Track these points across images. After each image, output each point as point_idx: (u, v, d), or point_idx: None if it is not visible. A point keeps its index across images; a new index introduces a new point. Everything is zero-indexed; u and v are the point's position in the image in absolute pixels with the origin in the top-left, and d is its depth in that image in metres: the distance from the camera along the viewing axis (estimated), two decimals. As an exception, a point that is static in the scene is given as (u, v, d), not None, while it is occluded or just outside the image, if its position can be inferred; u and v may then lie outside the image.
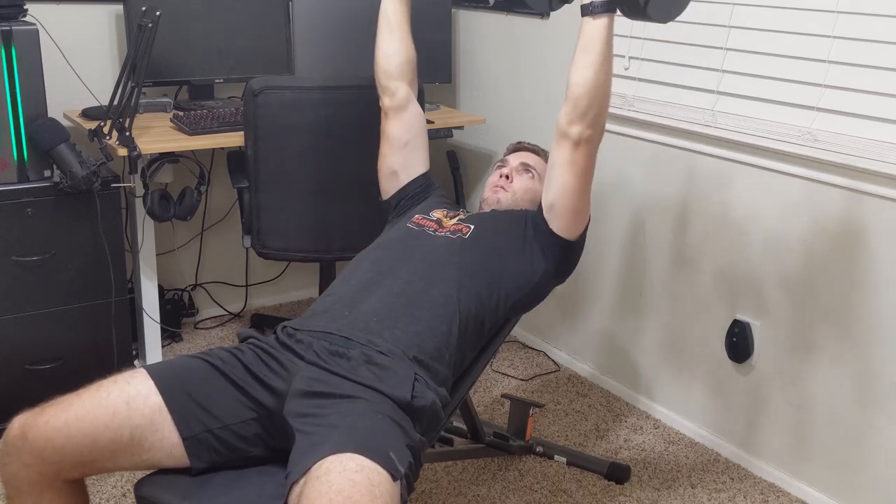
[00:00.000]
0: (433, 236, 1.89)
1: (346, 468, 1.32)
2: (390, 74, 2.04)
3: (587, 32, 1.74)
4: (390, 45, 2.04)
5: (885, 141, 2.08)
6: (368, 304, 1.71)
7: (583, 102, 1.75)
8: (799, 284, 2.32)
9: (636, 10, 1.69)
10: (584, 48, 1.74)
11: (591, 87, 1.74)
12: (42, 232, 2.43)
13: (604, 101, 1.78)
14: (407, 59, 2.04)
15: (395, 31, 2.02)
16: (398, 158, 2.07)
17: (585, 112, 1.76)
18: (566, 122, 1.79)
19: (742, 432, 2.52)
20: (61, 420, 1.46)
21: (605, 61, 1.74)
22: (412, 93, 2.07)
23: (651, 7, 1.66)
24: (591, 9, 1.72)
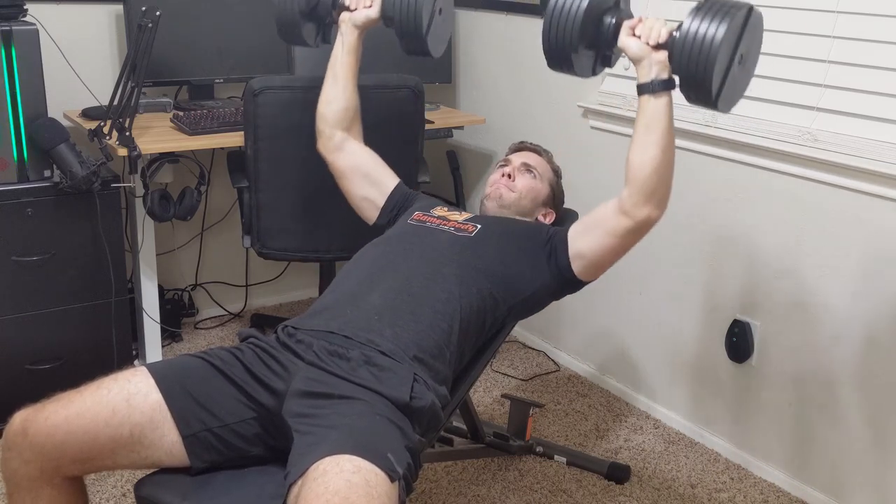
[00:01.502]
0: (436, 231, 1.89)
1: (343, 469, 1.32)
2: (326, 120, 2.05)
3: (649, 111, 1.65)
4: (330, 93, 2.04)
5: (885, 141, 2.08)
6: (369, 301, 1.70)
7: (650, 183, 1.67)
8: (799, 284, 2.32)
9: (705, 99, 1.59)
10: (647, 127, 1.65)
11: (659, 166, 1.67)
12: (42, 232, 2.43)
13: (671, 180, 1.70)
14: (345, 107, 2.04)
15: (339, 80, 2.03)
16: (362, 188, 2.07)
17: (653, 193, 1.69)
18: (631, 203, 1.71)
19: (742, 432, 2.52)
20: (61, 416, 1.47)
21: (671, 139, 1.67)
22: (349, 137, 2.07)
23: (722, 100, 1.58)
24: (651, 88, 1.63)
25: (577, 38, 1.61)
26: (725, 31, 1.50)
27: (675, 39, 1.58)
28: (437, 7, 1.88)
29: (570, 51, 1.63)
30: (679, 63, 1.56)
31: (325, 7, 1.95)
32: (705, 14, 1.53)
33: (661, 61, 1.62)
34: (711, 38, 1.51)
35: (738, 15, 1.53)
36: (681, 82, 1.60)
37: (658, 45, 1.61)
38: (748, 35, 1.57)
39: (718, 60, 1.51)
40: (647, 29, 1.63)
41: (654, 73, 1.62)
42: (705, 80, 1.53)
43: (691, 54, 1.52)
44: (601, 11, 1.65)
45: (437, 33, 1.90)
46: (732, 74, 1.57)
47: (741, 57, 1.57)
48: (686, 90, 1.60)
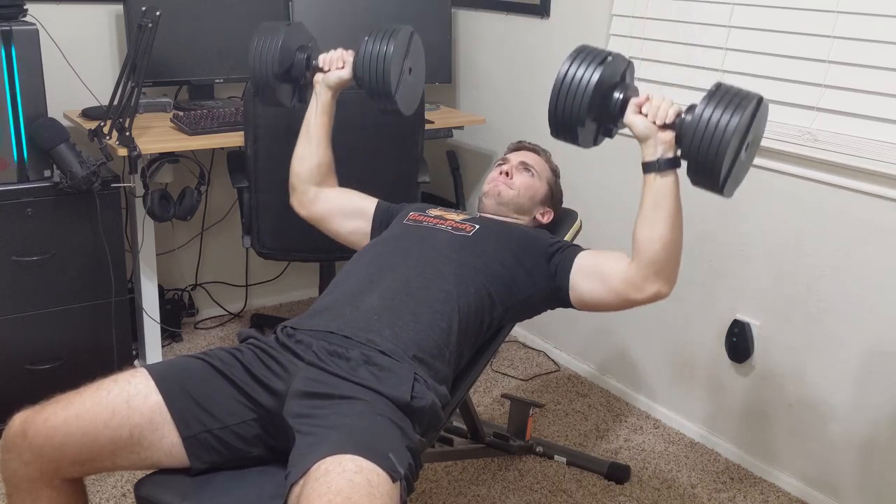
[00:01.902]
0: (434, 230, 1.89)
1: (345, 469, 1.32)
2: (300, 177, 2.05)
3: (656, 189, 1.64)
4: (304, 150, 2.05)
5: (885, 141, 2.08)
6: (368, 301, 1.70)
7: (659, 260, 1.67)
8: (799, 284, 2.32)
9: (711, 185, 1.59)
10: (655, 204, 1.65)
11: (668, 242, 1.66)
12: (42, 232, 2.43)
13: (680, 256, 1.70)
14: (318, 164, 2.04)
15: (313, 140, 2.03)
16: (345, 225, 2.06)
17: (663, 269, 1.68)
18: (641, 277, 1.69)
19: (742, 432, 2.52)
20: (61, 418, 1.47)
21: (679, 215, 1.66)
22: (322, 189, 2.06)
23: (727, 186, 1.58)
24: (658, 166, 1.63)
25: (585, 111, 1.61)
26: (738, 123, 1.50)
27: (685, 122, 1.58)
28: (405, 67, 1.91)
29: (577, 124, 1.63)
30: (689, 148, 1.56)
31: (298, 69, 1.98)
32: (718, 102, 1.53)
33: (667, 141, 1.62)
34: (724, 127, 1.51)
35: (751, 105, 1.53)
36: (689, 167, 1.59)
37: (665, 125, 1.61)
38: (756, 123, 1.58)
39: (730, 149, 1.51)
40: (654, 108, 1.62)
41: (661, 152, 1.62)
42: (715, 167, 1.53)
43: (702, 141, 1.52)
44: (610, 87, 1.65)
45: (407, 92, 1.94)
46: (739, 161, 1.58)
47: (748, 145, 1.58)
48: (693, 174, 1.59)
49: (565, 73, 1.62)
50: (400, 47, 1.87)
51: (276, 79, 1.93)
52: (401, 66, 1.88)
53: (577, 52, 1.65)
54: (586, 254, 1.84)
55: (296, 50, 1.97)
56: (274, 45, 1.91)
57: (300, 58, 1.97)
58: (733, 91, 1.55)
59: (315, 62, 1.98)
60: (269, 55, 1.91)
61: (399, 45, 1.86)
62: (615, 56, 1.64)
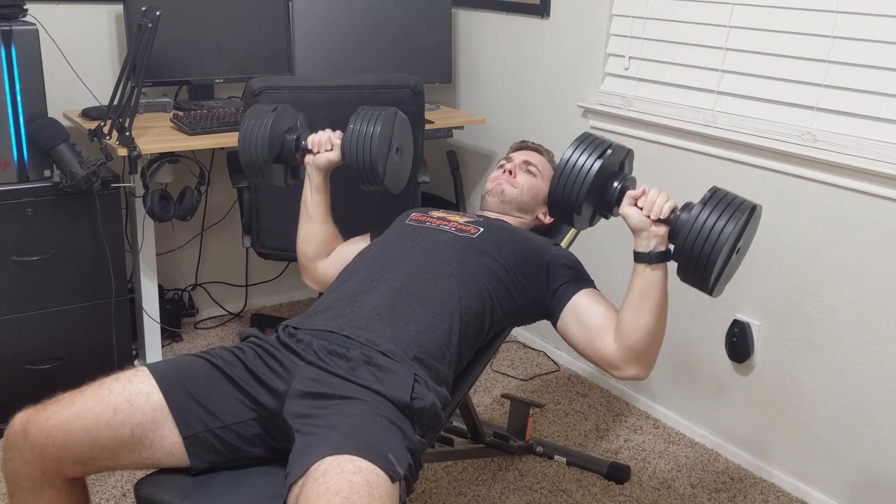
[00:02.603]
0: (437, 231, 1.89)
1: (344, 469, 1.31)
2: (307, 256, 2.06)
3: (646, 280, 1.66)
4: (306, 232, 2.06)
5: (885, 141, 2.08)
6: (370, 301, 1.70)
7: (641, 346, 1.70)
8: (799, 284, 2.32)
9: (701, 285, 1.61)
10: (642, 294, 1.67)
11: (652, 332, 1.69)
12: (42, 232, 2.43)
13: (660, 343, 1.73)
14: (322, 240, 2.05)
15: (313, 219, 2.04)
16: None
17: (643, 356, 1.71)
18: (621, 360, 1.72)
19: (742, 432, 2.52)
20: (62, 417, 1.47)
21: (664, 308, 1.69)
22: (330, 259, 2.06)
23: (717, 288, 1.61)
24: (649, 258, 1.65)
25: (584, 196, 1.64)
26: (733, 229, 1.54)
27: (680, 220, 1.60)
28: (393, 148, 1.94)
29: (574, 211, 1.66)
30: (682, 249, 1.58)
31: (288, 151, 1.99)
32: (714, 208, 1.56)
33: (659, 235, 1.64)
34: (719, 233, 1.54)
35: (745, 214, 1.57)
36: (680, 265, 1.61)
37: (659, 219, 1.63)
38: (749, 230, 1.62)
39: (721, 255, 1.54)
40: (649, 203, 1.64)
41: (653, 246, 1.64)
42: (706, 271, 1.56)
43: (695, 245, 1.55)
44: (609, 175, 1.69)
45: (395, 172, 1.96)
46: (729, 265, 1.62)
47: (738, 249, 1.62)
48: (683, 273, 1.61)
49: (568, 160, 1.66)
50: (386, 129, 1.90)
51: (268, 163, 1.96)
52: (388, 147, 1.91)
53: (581, 140, 1.69)
54: (585, 295, 1.82)
55: (284, 133, 1.98)
56: (262, 129, 1.92)
57: (289, 140, 1.98)
58: (730, 197, 1.59)
59: (304, 143, 1.99)
60: (259, 140, 1.92)
61: (385, 127, 1.89)
62: (616, 147, 1.68)
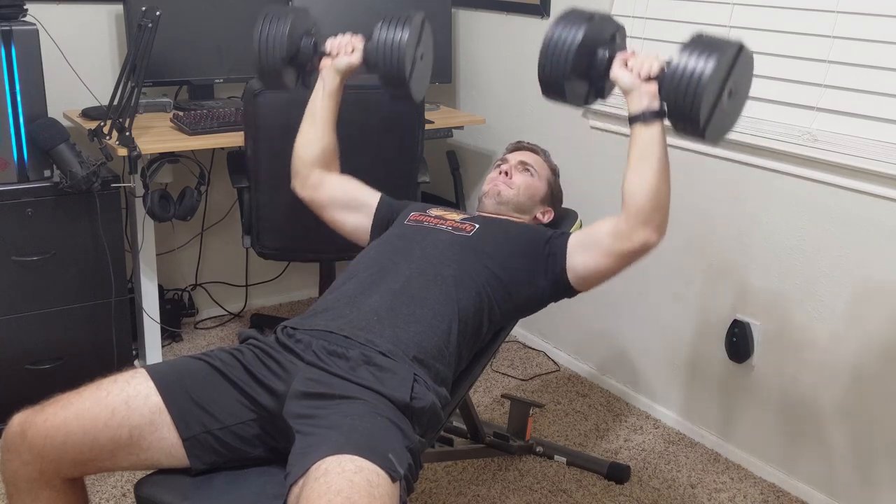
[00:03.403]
0: (434, 230, 1.89)
1: (344, 469, 1.32)
2: (304, 161, 2.04)
3: (643, 140, 1.68)
4: (308, 135, 2.04)
5: (885, 141, 2.08)
6: (369, 302, 1.70)
7: (647, 209, 1.69)
8: (799, 284, 2.32)
9: (693, 130, 1.61)
10: (641, 156, 1.68)
11: (655, 192, 1.68)
12: (42, 232, 2.43)
13: (668, 206, 1.72)
14: (323, 148, 2.03)
15: (318, 123, 2.02)
16: (347, 217, 2.05)
17: (651, 218, 1.70)
18: (630, 227, 1.72)
19: (742, 432, 2.52)
20: (60, 418, 1.46)
21: (665, 165, 1.69)
22: (326, 173, 2.05)
23: (709, 131, 1.60)
24: (643, 118, 1.66)
25: (571, 67, 1.66)
26: (714, 66, 1.54)
27: (667, 73, 1.62)
28: (418, 54, 1.91)
29: (563, 80, 1.67)
30: (668, 94, 1.60)
31: (305, 54, 1.96)
32: (694, 49, 1.57)
33: (651, 92, 1.65)
34: (701, 72, 1.55)
35: (728, 52, 1.57)
36: (669, 113, 1.63)
37: (649, 77, 1.65)
38: (738, 71, 1.61)
39: (707, 93, 1.54)
40: (639, 62, 1.66)
41: (645, 104, 1.65)
42: (693, 111, 1.56)
43: (679, 86, 1.56)
44: (596, 44, 1.70)
45: (419, 77, 1.94)
46: (721, 107, 1.61)
47: (730, 92, 1.61)
48: (674, 120, 1.63)
49: (552, 33, 1.68)
50: (414, 34, 1.86)
51: (282, 63, 1.93)
52: (414, 53, 1.88)
53: (564, 14, 1.71)
54: (577, 233, 1.88)
55: (302, 35, 1.95)
56: (281, 30, 1.90)
57: (307, 43, 1.95)
58: (713, 39, 1.59)
59: (322, 48, 1.97)
60: (276, 40, 1.89)
61: (413, 32, 1.86)
62: (601, 16, 1.69)
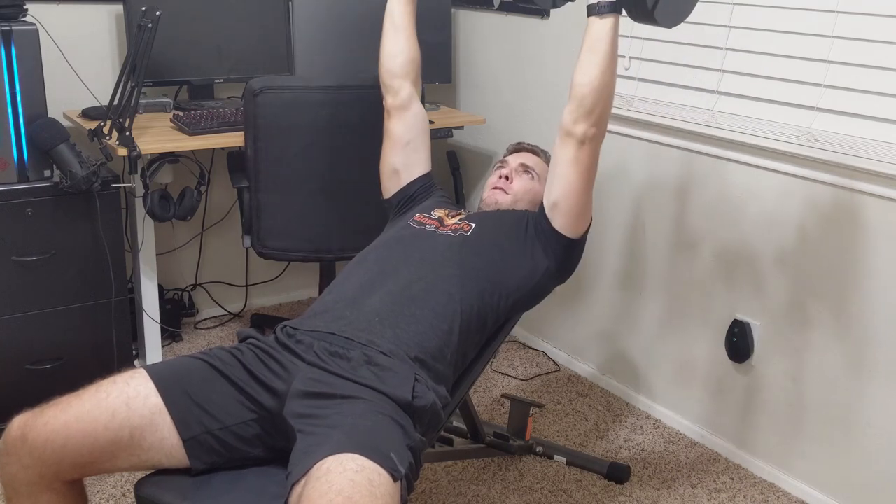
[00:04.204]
0: (434, 234, 1.89)
1: (346, 468, 1.32)
2: (394, 73, 2.05)
3: (593, 32, 1.75)
4: (395, 45, 2.05)
5: (885, 141, 2.08)
6: (369, 303, 1.71)
7: (588, 101, 1.77)
8: (799, 284, 2.32)
9: (643, 13, 1.68)
10: (591, 48, 1.75)
11: (598, 86, 1.76)
12: (42, 232, 2.43)
13: (609, 100, 1.80)
14: (411, 58, 2.05)
15: (400, 30, 2.04)
16: (400, 157, 2.08)
17: (591, 111, 1.78)
18: (571, 120, 1.80)
19: (742, 432, 2.52)
20: (60, 421, 1.46)
21: (611, 61, 1.75)
22: (415, 92, 2.08)
23: (658, 11, 1.65)
24: (598, 9, 1.73)
25: None
26: None
27: None
28: None
29: None
30: None
31: None
32: None
33: None
34: None
35: None
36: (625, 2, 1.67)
37: None
38: None
39: None
40: None
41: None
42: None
43: None
44: None
45: None
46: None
47: None
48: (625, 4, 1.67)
49: None
50: None
51: None
52: None
53: None
54: None
55: None
56: None
57: None
58: None
59: None
60: None
61: None
62: None
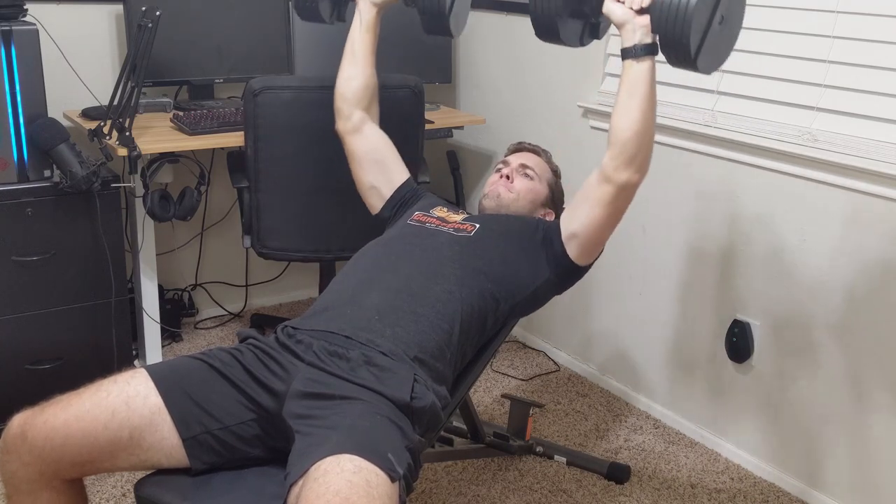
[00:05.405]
0: (435, 232, 1.89)
1: (343, 469, 1.32)
2: (346, 98, 2.06)
3: (631, 76, 1.69)
4: (350, 70, 2.05)
5: (885, 141, 2.08)
6: (369, 301, 1.70)
7: (631, 147, 1.71)
8: (799, 284, 2.32)
9: (685, 60, 1.61)
10: (629, 92, 1.69)
11: (640, 129, 1.70)
12: (42, 232, 2.43)
13: (651, 144, 1.74)
14: (364, 84, 2.04)
15: (358, 58, 2.03)
16: (371, 175, 2.08)
17: (633, 157, 1.72)
18: (613, 167, 1.74)
19: (742, 432, 2.52)
20: (60, 419, 1.46)
21: (651, 103, 1.70)
22: (367, 117, 2.08)
23: (701, 59, 1.59)
24: (634, 52, 1.67)
25: (562, 5, 1.64)
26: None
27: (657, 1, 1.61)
28: None
29: (556, 18, 1.65)
30: (658, 23, 1.59)
31: None
32: None
33: (644, 25, 1.65)
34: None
35: None
36: (661, 43, 1.62)
37: (642, 9, 1.64)
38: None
39: (696, 20, 1.53)
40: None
41: (638, 38, 1.66)
42: (682, 39, 1.55)
43: (669, 14, 1.55)
44: None
45: (458, 12, 1.92)
46: (712, 35, 1.59)
47: (722, 18, 1.59)
48: (666, 51, 1.62)
49: None
50: None
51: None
52: None
53: None
54: (566, 208, 1.91)
55: None
56: None
57: None
58: None
59: None
60: None
61: None
62: None
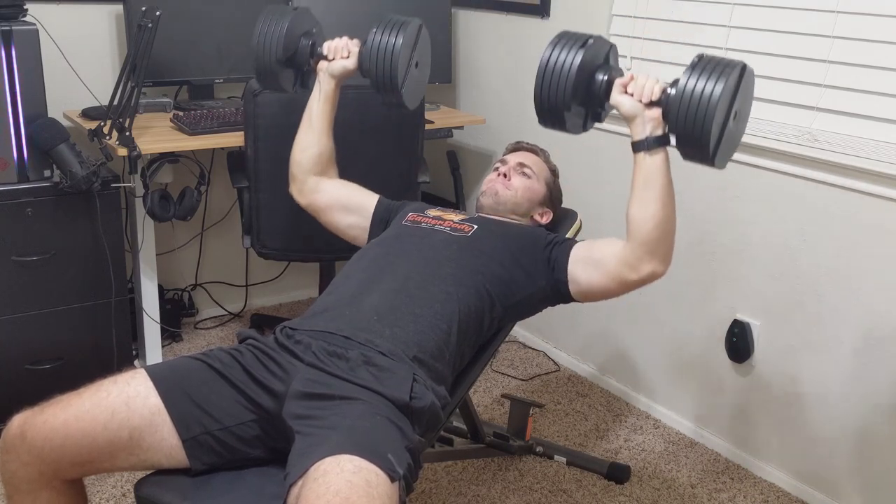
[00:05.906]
0: (432, 231, 1.89)
1: (343, 469, 1.32)
2: (301, 166, 2.05)
3: (646, 169, 1.64)
4: (306, 139, 2.04)
5: (885, 141, 2.08)
6: (368, 302, 1.70)
7: (653, 238, 1.67)
8: (799, 284, 2.32)
9: (702, 157, 1.57)
10: (645, 184, 1.65)
11: (661, 219, 1.66)
12: (42, 232, 2.43)
13: (673, 234, 1.70)
14: (319, 153, 2.03)
15: (314, 127, 2.02)
16: (345, 218, 2.05)
17: (656, 249, 1.68)
18: (635, 259, 1.70)
19: (742, 432, 2.52)
20: (60, 419, 1.47)
21: (670, 193, 1.66)
22: (322, 179, 2.05)
23: (718, 157, 1.57)
24: (647, 145, 1.63)
25: (570, 95, 1.61)
26: (722, 90, 1.50)
27: (671, 97, 1.57)
28: (413, 61, 1.89)
29: (564, 109, 1.63)
30: (676, 121, 1.56)
31: (302, 56, 1.96)
32: (701, 72, 1.53)
33: (654, 118, 1.62)
34: (709, 96, 1.50)
35: (734, 73, 1.53)
36: (678, 140, 1.58)
37: (651, 102, 1.61)
38: (742, 92, 1.58)
39: (716, 119, 1.51)
40: (639, 87, 1.62)
41: (649, 131, 1.63)
42: (703, 137, 1.52)
43: (688, 112, 1.52)
44: (593, 69, 1.66)
45: (413, 86, 1.92)
46: (728, 131, 1.57)
47: (735, 114, 1.58)
48: (683, 147, 1.59)
49: (548, 59, 1.64)
50: (409, 40, 1.84)
51: (279, 64, 1.92)
52: (408, 60, 1.86)
53: (559, 38, 1.66)
54: (581, 244, 1.85)
55: (301, 36, 1.94)
56: (279, 29, 1.89)
57: (304, 44, 1.95)
58: (716, 60, 1.55)
59: (319, 50, 1.96)
60: (274, 40, 1.89)
61: (408, 38, 1.84)
62: (596, 39, 1.65)
